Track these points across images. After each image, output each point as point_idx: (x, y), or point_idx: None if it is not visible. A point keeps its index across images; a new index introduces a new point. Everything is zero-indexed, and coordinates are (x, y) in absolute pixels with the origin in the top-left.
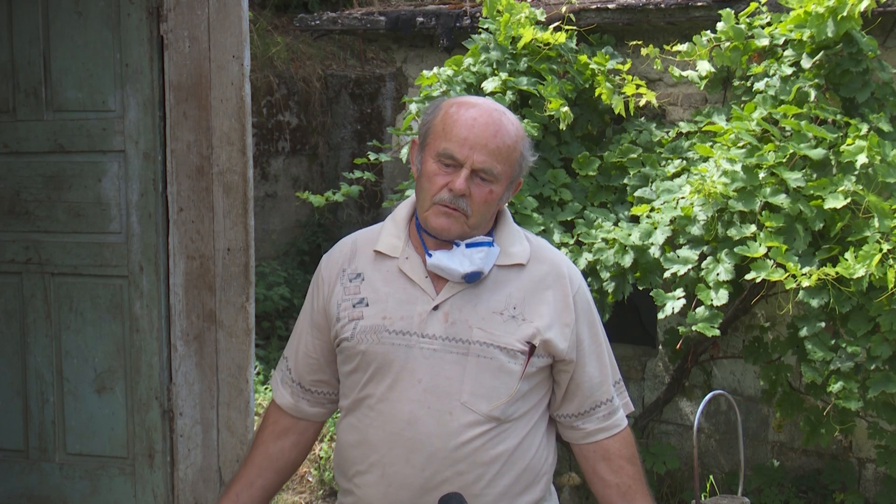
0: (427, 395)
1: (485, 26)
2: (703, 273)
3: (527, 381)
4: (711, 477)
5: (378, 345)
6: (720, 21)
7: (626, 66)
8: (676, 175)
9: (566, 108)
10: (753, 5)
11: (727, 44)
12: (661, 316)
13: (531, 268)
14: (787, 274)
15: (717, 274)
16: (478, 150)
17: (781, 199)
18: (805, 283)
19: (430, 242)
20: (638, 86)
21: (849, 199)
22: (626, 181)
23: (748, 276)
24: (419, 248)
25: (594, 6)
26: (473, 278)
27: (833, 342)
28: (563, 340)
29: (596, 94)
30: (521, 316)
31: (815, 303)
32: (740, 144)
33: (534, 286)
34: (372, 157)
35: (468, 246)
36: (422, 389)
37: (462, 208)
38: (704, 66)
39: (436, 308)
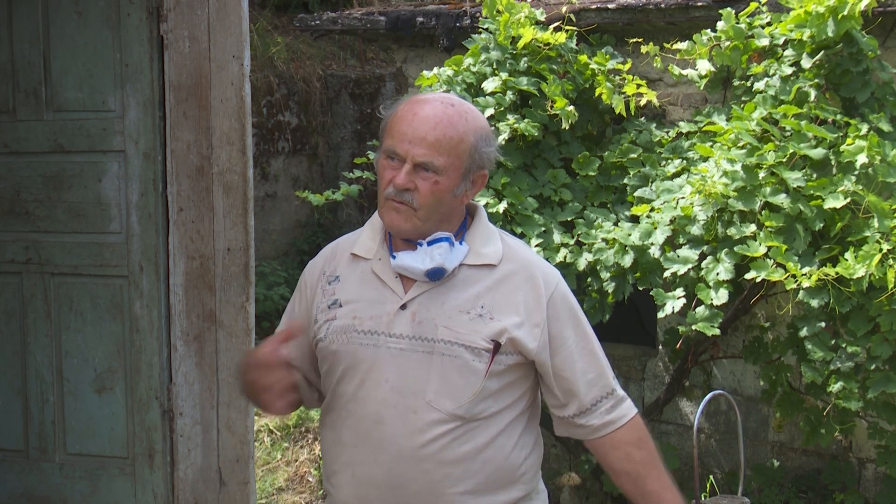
0: (393, 394)
1: (485, 26)
2: (703, 273)
3: (495, 379)
4: (711, 477)
5: (348, 345)
6: (720, 21)
7: (627, 66)
8: (676, 175)
9: (571, 108)
10: (753, 5)
11: (727, 43)
12: (661, 316)
13: (502, 268)
14: (788, 274)
15: (717, 273)
16: (416, 144)
17: (781, 199)
18: (805, 284)
19: (398, 244)
20: (638, 85)
21: (849, 199)
22: (626, 181)
23: (748, 276)
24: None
25: (594, 6)
26: (436, 275)
27: (833, 342)
28: (532, 340)
29: (596, 94)
30: (488, 315)
31: (815, 303)
32: (740, 144)
33: (503, 286)
34: (372, 156)
35: (429, 244)
36: (388, 389)
37: (408, 202)
38: (704, 66)
39: (404, 307)
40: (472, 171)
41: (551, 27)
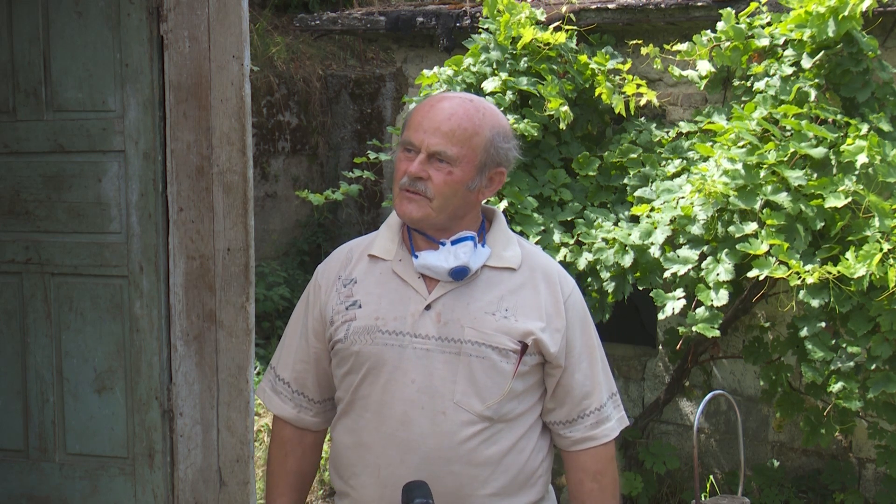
0: (420, 395)
1: (485, 26)
2: (703, 273)
3: (521, 380)
4: (711, 477)
5: (371, 345)
6: (720, 21)
7: (627, 66)
8: (676, 175)
9: (566, 108)
10: (754, 5)
11: (727, 43)
12: (661, 316)
13: (522, 272)
14: (791, 271)
15: (717, 274)
16: (430, 134)
17: (782, 198)
18: (809, 280)
19: (419, 244)
20: (638, 85)
21: (849, 199)
22: (626, 181)
23: (750, 274)
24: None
25: (594, 6)
26: (460, 274)
27: (833, 342)
28: (553, 344)
29: (596, 94)
30: (513, 317)
31: (815, 303)
32: (741, 144)
33: (525, 290)
34: (371, 155)
35: (453, 243)
36: (415, 389)
37: (421, 191)
38: (704, 66)
39: (428, 308)
40: (489, 166)
41: (551, 27)
